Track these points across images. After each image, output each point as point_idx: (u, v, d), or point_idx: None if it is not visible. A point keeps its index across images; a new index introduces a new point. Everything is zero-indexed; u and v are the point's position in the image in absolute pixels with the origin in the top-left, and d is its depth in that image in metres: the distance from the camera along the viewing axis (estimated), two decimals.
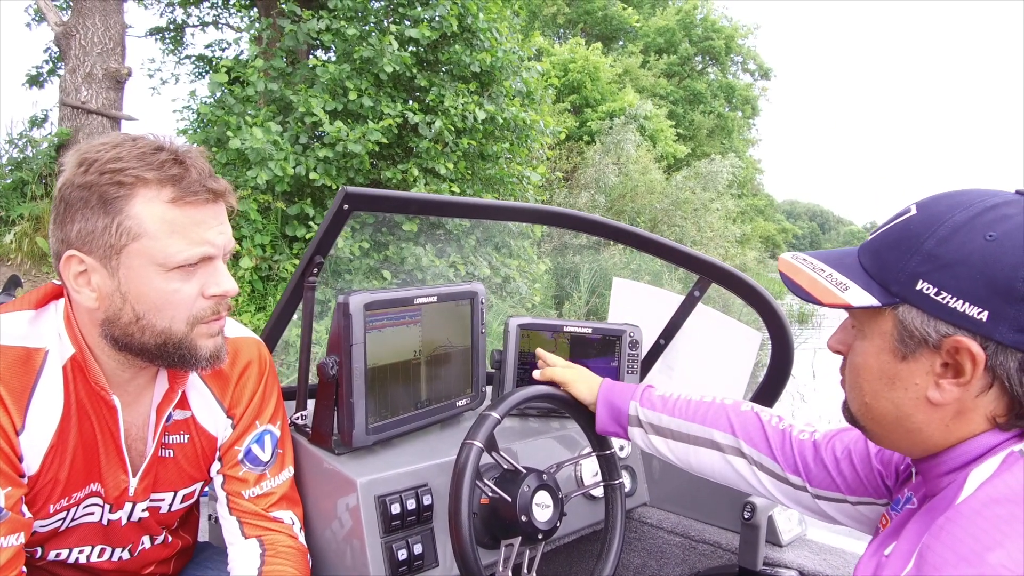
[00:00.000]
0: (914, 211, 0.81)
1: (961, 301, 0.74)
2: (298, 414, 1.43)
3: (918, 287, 0.77)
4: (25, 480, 1.03)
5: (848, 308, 0.83)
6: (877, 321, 0.82)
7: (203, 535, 1.50)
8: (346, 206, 1.29)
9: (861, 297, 0.81)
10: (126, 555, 1.24)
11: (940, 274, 0.75)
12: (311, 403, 1.40)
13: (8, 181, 7.74)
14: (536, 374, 1.42)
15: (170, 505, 1.23)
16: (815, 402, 8.69)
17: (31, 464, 1.03)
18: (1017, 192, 0.78)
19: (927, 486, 0.85)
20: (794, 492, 1.14)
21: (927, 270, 0.76)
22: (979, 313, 0.73)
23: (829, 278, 0.85)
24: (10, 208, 7.53)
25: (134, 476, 1.16)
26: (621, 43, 25.89)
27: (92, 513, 1.15)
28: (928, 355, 0.78)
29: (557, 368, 1.41)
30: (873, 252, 0.84)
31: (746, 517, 1.50)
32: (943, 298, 0.75)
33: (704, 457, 1.22)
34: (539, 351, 1.51)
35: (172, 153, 1.02)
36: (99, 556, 1.21)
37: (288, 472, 1.29)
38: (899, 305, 0.79)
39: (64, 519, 1.12)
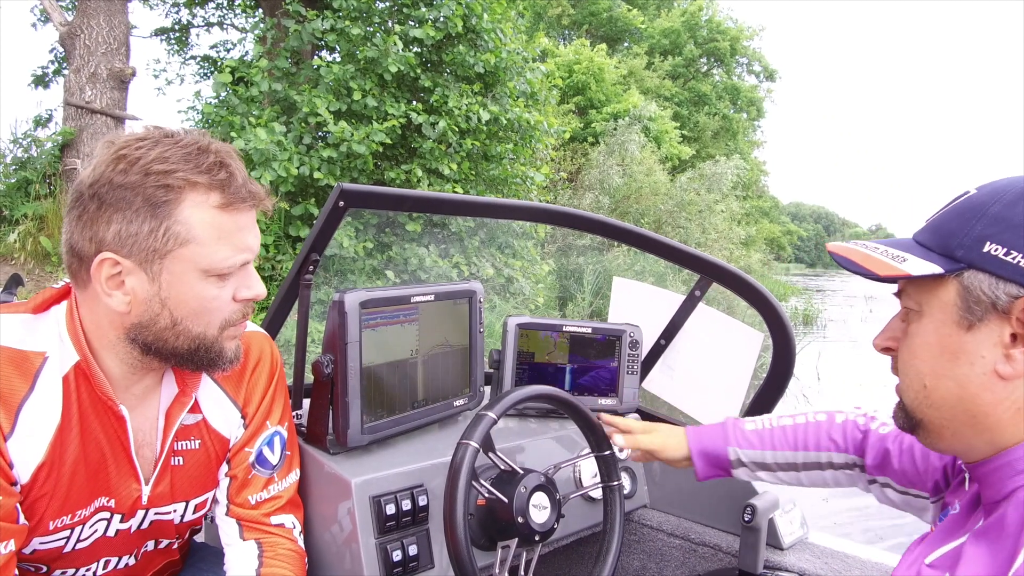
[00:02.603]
0: (973, 191, 0.79)
1: None
2: (293, 413, 1.42)
3: (985, 249, 0.74)
4: (18, 488, 0.98)
5: (907, 278, 0.79)
6: (937, 293, 0.78)
7: (199, 535, 1.48)
8: (341, 203, 1.28)
9: (921, 266, 0.77)
10: (132, 561, 1.21)
11: (1009, 234, 0.73)
12: (306, 402, 1.38)
13: (12, 180, 7.76)
14: (619, 440, 1.35)
15: (182, 516, 1.19)
16: (819, 404, 8.66)
17: (21, 473, 0.98)
18: None
19: (984, 493, 0.80)
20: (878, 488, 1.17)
21: (995, 232, 0.74)
22: None
23: (884, 253, 0.82)
24: (14, 208, 7.54)
25: (147, 484, 1.12)
26: (626, 44, 25.88)
27: (97, 531, 1.11)
28: (996, 322, 0.74)
29: (640, 436, 1.35)
30: (932, 230, 0.81)
31: (747, 520, 1.48)
32: (1013, 257, 0.72)
33: (816, 477, 1.23)
34: (606, 417, 1.40)
35: (217, 155, 0.99)
36: (104, 568, 1.17)
37: (295, 475, 1.27)
38: (964, 271, 0.75)
39: (68, 538, 1.07)
